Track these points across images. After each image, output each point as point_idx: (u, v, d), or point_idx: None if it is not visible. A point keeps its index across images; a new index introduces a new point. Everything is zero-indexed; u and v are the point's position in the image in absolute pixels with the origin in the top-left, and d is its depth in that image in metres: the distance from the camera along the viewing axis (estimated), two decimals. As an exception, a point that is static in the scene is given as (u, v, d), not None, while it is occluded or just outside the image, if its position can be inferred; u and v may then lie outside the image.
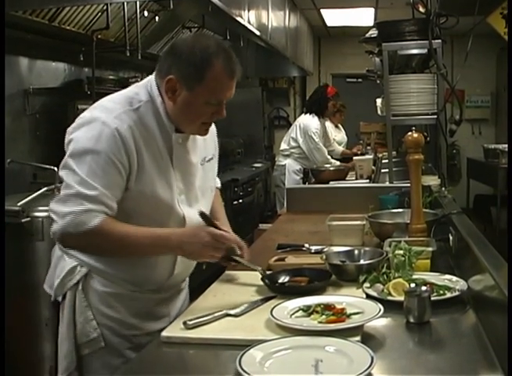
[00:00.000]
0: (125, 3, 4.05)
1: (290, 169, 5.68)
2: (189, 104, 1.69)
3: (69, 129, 1.72)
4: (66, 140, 1.71)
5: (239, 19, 4.22)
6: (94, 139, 1.63)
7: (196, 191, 1.85)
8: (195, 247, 1.69)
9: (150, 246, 1.71)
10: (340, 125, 6.49)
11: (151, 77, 1.79)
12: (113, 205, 1.65)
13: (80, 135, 1.66)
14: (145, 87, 1.77)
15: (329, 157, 5.62)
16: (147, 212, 1.73)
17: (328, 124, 6.02)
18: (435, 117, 3.29)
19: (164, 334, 1.53)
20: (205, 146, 1.91)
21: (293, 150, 5.70)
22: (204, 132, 1.80)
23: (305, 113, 5.84)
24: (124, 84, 4.09)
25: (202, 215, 1.77)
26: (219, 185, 2.16)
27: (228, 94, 1.72)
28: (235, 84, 1.72)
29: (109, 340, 1.76)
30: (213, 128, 1.91)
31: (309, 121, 5.64)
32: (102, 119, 1.65)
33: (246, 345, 1.35)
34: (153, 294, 1.84)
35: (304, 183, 5.23)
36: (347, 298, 1.65)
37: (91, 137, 1.64)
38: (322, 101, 5.73)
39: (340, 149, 6.15)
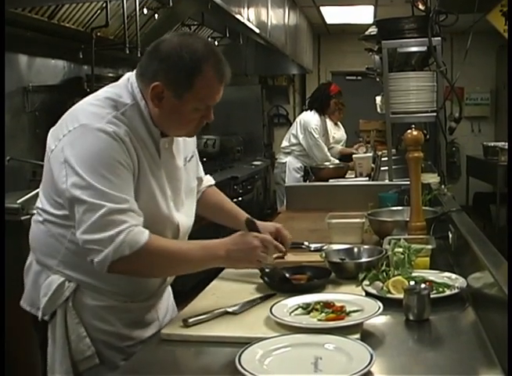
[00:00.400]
0: (125, 0, 4.05)
1: (291, 167, 5.66)
2: (177, 111, 1.60)
3: (59, 147, 1.57)
4: (58, 158, 1.57)
5: (238, 16, 4.22)
6: (97, 148, 1.52)
7: (182, 195, 1.79)
8: (244, 254, 1.66)
9: (199, 259, 1.64)
10: (339, 123, 6.49)
11: (131, 77, 1.67)
12: (140, 210, 1.56)
13: (78, 149, 1.52)
14: (125, 88, 1.65)
15: (328, 154, 5.61)
16: (145, 222, 1.58)
17: (328, 121, 6.01)
18: (435, 114, 3.29)
19: (164, 331, 1.53)
20: (185, 146, 1.83)
21: (293, 148, 5.69)
22: (193, 133, 1.74)
23: (306, 109, 5.84)
24: (123, 81, 4.08)
25: (248, 221, 1.75)
26: (213, 182, 2.13)
27: (217, 98, 1.63)
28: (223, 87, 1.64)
29: (104, 354, 1.67)
30: None
31: (310, 118, 5.64)
32: (95, 126, 1.53)
33: (245, 343, 1.35)
34: (144, 302, 1.77)
35: (304, 181, 5.23)
36: (346, 296, 1.65)
37: (94, 147, 1.52)
38: (325, 98, 5.72)
39: (339, 147, 6.12)
